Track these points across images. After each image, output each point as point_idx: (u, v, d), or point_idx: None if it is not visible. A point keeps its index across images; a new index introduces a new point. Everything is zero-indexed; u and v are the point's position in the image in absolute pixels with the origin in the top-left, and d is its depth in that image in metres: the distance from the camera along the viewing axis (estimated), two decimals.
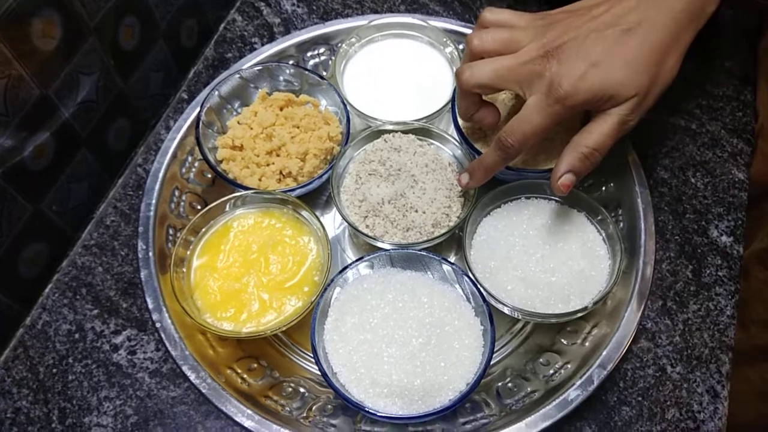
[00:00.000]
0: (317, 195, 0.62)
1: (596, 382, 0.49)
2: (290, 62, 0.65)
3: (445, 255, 0.58)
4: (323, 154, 0.58)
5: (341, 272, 0.52)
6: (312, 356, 0.49)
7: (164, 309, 0.52)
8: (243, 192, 0.55)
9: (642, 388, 0.53)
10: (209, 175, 0.61)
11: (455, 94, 0.56)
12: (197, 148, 0.57)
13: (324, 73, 0.65)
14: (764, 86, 0.65)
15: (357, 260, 0.52)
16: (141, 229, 0.55)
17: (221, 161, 0.58)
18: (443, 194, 0.56)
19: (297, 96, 0.62)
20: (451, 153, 0.59)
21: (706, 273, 0.57)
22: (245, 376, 0.52)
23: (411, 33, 0.65)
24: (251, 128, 0.59)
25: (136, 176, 0.62)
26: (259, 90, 0.61)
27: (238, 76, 0.61)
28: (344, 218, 0.55)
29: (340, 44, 0.64)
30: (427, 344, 0.49)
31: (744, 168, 0.62)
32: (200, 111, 0.58)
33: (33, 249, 0.56)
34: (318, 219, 0.54)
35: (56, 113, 0.54)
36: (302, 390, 0.52)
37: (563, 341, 0.53)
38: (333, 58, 0.64)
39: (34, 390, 0.53)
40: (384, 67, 0.64)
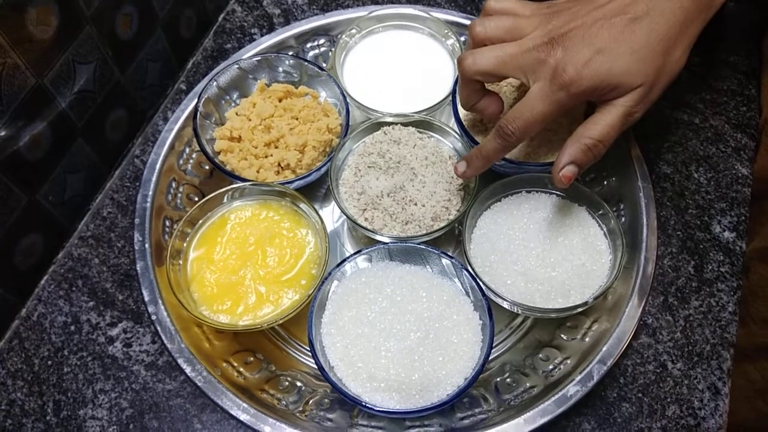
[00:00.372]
0: (316, 187, 0.61)
1: (596, 378, 0.48)
2: (290, 53, 0.65)
3: (445, 249, 0.57)
4: (322, 146, 0.57)
5: (339, 265, 0.51)
6: (309, 350, 0.49)
7: (160, 301, 0.52)
8: (241, 184, 0.55)
9: (642, 385, 0.52)
10: (207, 167, 0.61)
11: (456, 86, 0.55)
12: (195, 140, 0.57)
13: (324, 65, 0.64)
14: None
15: (355, 253, 0.52)
16: (138, 221, 0.55)
17: (219, 153, 0.57)
18: (443, 187, 0.55)
19: (296, 87, 0.61)
20: (452, 146, 0.59)
21: (708, 269, 0.57)
22: (241, 370, 0.52)
23: (412, 24, 0.65)
24: (250, 119, 0.58)
25: (134, 167, 0.61)
26: (258, 81, 0.61)
27: (237, 67, 0.60)
28: (343, 211, 0.54)
29: (340, 35, 0.63)
30: (426, 338, 0.48)
31: (747, 163, 0.61)
32: (198, 102, 0.57)
33: (29, 240, 0.55)
34: (316, 211, 0.54)
35: (52, 103, 0.54)
36: (299, 384, 0.52)
37: (563, 336, 0.53)
38: (333, 50, 0.64)
39: (29, 382, 0.52)
40: (384, 59, 0.63)
